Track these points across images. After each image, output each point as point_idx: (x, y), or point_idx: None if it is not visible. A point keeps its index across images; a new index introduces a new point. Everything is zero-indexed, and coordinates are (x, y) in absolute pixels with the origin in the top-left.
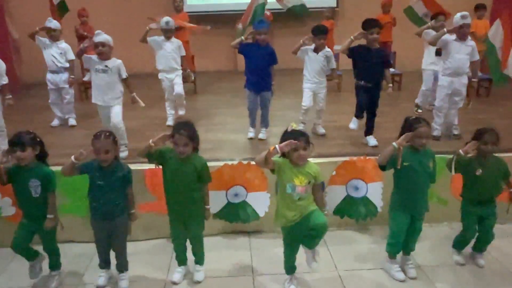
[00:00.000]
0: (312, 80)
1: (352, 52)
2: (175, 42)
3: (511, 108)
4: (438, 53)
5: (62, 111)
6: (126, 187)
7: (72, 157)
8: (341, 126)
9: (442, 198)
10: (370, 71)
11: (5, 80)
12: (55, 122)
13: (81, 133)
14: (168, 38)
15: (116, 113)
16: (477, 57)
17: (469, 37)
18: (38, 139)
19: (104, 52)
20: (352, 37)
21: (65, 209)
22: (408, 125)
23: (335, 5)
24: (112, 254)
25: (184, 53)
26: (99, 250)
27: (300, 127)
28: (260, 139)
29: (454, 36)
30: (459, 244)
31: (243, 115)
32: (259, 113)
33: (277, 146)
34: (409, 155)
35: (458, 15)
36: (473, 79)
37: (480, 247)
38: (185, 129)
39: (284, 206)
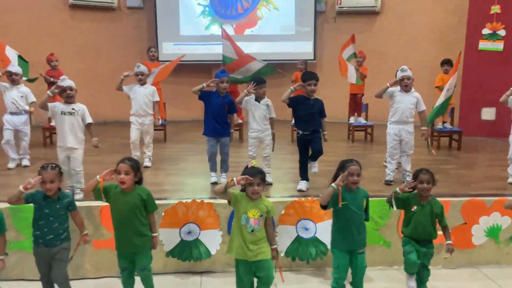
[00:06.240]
0: (256, 128)
1: (292, 102)
2: (148, 87)
3: (473, 159)
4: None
5: (17, 152)
6: (70, 214)
7: (20, 187)
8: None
9: (387, 240)
10: (308, 120)
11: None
12: (12, 164)
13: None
14: (141, 83)
15: (76, 157)
16: (423, 107)
17: (413, 89)
18: None
19: (73, 95)
20: (292, 88)
21: (20, 246)
22: (341, 166)
23: (312, 57)
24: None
25: (157, 99)
26: (43, 283)
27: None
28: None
29: (399, 88)
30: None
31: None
32: (219, 158)
33: (234, 178)
34: (345, 194)
35: (399, 69)
36: (422, 128)
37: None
38: (129, 160)
39: (237, 236)
